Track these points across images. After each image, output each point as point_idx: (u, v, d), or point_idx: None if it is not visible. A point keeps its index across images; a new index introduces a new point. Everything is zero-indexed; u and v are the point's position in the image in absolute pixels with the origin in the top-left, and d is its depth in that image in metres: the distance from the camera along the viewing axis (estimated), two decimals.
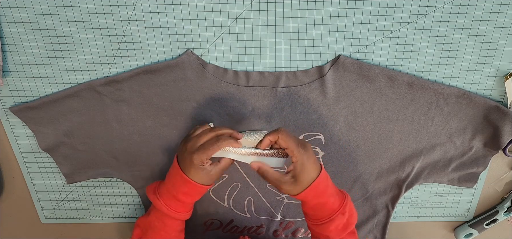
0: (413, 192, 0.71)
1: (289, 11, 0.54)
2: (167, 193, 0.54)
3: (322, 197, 0.51)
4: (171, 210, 0.54)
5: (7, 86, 0.61)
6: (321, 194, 0.51)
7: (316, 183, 0.50)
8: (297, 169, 0.50)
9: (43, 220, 0.76)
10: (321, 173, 0.51)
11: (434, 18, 0.54)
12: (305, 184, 0.50)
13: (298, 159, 0.49)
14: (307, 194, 0.50)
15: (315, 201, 0.51)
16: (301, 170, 0.49)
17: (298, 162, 0.49)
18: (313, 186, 0.50)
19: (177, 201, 0.54)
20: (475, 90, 0.60)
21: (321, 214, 0.52)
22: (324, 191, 0.52)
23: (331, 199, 0.52)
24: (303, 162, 0.49)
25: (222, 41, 0.56)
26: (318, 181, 0.50)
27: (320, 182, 0.51)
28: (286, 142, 0.50)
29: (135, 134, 0.63)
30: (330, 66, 0.57)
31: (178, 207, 0.54)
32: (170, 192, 0.54)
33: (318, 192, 0.51)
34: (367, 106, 0.60)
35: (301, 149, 0.50)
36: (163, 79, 0.58)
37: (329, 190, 0.52)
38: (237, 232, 0.74)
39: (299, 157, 0.49)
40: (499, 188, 0.70)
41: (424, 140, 0.63)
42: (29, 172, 0.69)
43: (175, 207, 0.54)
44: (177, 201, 0.54)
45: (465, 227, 0.73)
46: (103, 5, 0.53)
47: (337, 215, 0.52)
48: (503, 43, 0.56)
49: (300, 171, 0.50)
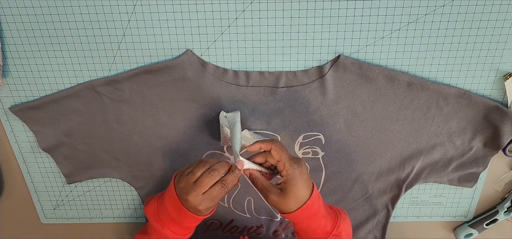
0: (413, 192, 0.71)
1: (289, 11, 0.54)
2: (171, 221, 0.53)
3: (314, 219, 0.50)
4: (174, 233, 0.53)
5: (7, 86, 0.61)
6: (312, 216, 0.50)
7: (308, 205, 0.49)
8: (286, 182, 0.48)
9: (43, 220, 0.76)
10: (313, 194, 0.49)
11: (434, 18, 0.54)
12: (294, 201, 0.48)
13: (289, 173, 0.48)
14: (298, 215, 0.49)
15: (307, 223, 0.50)
16: (290, 184, 0.48)
17: (289, 176, 0.48)
18: (305, 208, 0.48)
19: (181, 228, 0.53)
20: (475, 90, 0.60)
21: (313, 236, 0.51)
22: (316, 213, 0.50)
23: (323, 221, 0.51)
24: (294, 177, 0.48)
25: (222, 41, 0.56)
26: (310, 202, 0.49)
27: (313, 204, 0.49)
28: (279, 154, 0.49)
29: (135, 134, 0.63)
30: (330, 66, 0.57)
31: (183, 231, 0.54)
32: (174, 220, 0.52)
33: (309, 214, 0.49)
34: (367, 106, 0.60)
35: (294, 164, 0.48)
36: (163, 79, 0.58)
37: (321, 211, 0.51)
38: (237, 232, 0.74)
39: (291, 171, 0.48)
40: (499, 188, 0.70)
41: (424, 140, 0.63)
42: (29, 172, 0.69)
43: (179, 231, 0.54)
44: (181, 228, 0.53)
45: (465, 227, 0.73)
46: (103, 5, 0.53)
47: (330, 238, 0.51)
48: (503, 43, 0.56)
49: (289, 185, 0.48)
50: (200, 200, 0.48)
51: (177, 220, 0.52)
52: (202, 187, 0.48)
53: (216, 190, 0.48)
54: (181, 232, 0.54)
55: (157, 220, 0.53)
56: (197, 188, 0.48)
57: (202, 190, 0.48)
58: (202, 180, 0.48)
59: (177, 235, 0.53)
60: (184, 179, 0.49)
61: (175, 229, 0.53)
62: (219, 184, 0.49)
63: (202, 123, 0.62)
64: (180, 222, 0.52)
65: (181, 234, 0.54)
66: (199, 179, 0.48)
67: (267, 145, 0.50)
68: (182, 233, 0.54)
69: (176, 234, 0.53)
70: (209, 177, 0.48)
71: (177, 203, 0.50)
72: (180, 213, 0.51)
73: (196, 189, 0.48)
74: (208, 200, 0.49)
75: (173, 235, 0.53)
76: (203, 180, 0.48)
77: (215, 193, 0.49)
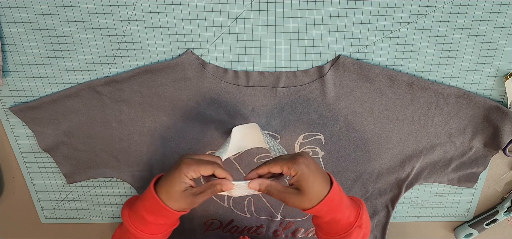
0: (413, 192, 0.71)
1: (289, 11, 0.54)
2: (135, 209, 0.50)
3: (337, 211, 0.48)
4: (131, 223, 0.50)
5: (7, 86, 0.61)
6: (336, 209, 0.48)
7: (330, 197, 0.46)
8: (298, 180, 0.46)
9: (43, 220, 0.76)
10: (333, 186, 0.47)
11: (434, 18, 0.54)
12: (314, 194, 0.46)
13: (296, 171, 0.46)
14: (321, 209, 0.47)
15: (330, 216, 0.48)
16: (302, 179, 0.46)
17: (297, 173, 0.46)
18: (327, 201, 0.46)
19: (137, 217, 0.49)
20: (475, 90, 0.60)
21: (336, 228, 0.49)
22: (339, 205, 0.48)
23: (347, 212, 0.49)
24: (303, 171, 0.46)
25: (222, 41, 0.56)
26: (332, 194, 0.47)
27: (334, 196, 0.47)
28: (277, 163, 0.47)
29: (135, 134, 0.63)
30: (330, 66, 0.57)
31: (139, 224, 0.50)
32: (136, 207, 0.50)
33: (332, 207, 0.47)
34: (367, 106, 0.60)
35: (296, 160, 0.46)
36: (163, 79, 0.58)
37: (344, 202, 0.49)
38: (237, 232, 0.74)
39: (296, 168, 0.46)
40: (499, 188, 0.70)
41: (424, 140, 0.63)
42: (29, 172, 0.69)
43: (138, 225, 0.50)
44: (137, 216, 0.49)
45: (465, 227, 0.73)
46: (103, 5, 0.53)
47: (354, 229, 0.49)
48: (503, 43, 0.56)
49: (302, 181, 0.46)
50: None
51: (140, 207, 0.49)
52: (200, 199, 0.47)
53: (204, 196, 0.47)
54: (140, 226, 0.50)
55: (127, 206, 0.51)
56: (196, 199, 0.47)
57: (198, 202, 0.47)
58: (204, 195, 0.47)
59: (133, 226, 0.50)
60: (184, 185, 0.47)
61: (136, 223, 0.50)
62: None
63: (202, 123, 0.62)
64: (138, 210, 0.49)
65: (139, 229, 0.50)
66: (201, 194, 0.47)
67: (263, 169, 0.48)
68: (140, 227, 0.50)
69: (135, 228, 0.50)
70: (210, 193, 0.47)
71: (150, 187, 0.48)
72: (146, 192, 0.49)
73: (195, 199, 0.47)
74: (195, 162, 0.47)
75: (129, 225, 0.50)
76: (204, 195, 0.47)
77: (204, 161, 0.47)
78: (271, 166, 0.48)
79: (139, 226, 0.50)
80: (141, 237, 0.50)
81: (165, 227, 0.51)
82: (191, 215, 0.72)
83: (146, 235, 0.50)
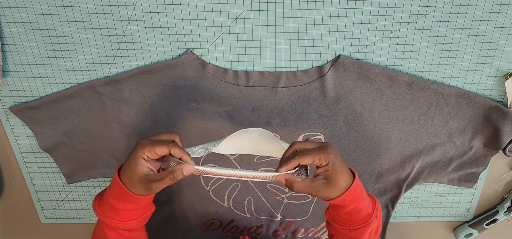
0: (413, 192, 0.71)
1: (289, 11, 0.54)
2: (104, 198, 0.50)
3: (359, 201, 0.48)
4: (102, 213, 0.49)
5: (7, 86, 0.61)
6: (358, 198, 0.48)
7: (354, 187, 0.47)
8: (328, 170, 0.46)
9: (43, 220, 0.76)
10: (356, 175, 0.48)
11: (434, 18, 0.54)
12: (341, 186, 0.46)
13: (328, 161, 0.45)
14: (346, 198, 0.47)
15: (353, 205, 0.48)
16: (333, 170, 0.46)
17: (329, 162, 0.46)
18: (352, 190, 0.47)
19: (106, 205, 0.49)
20: (475, 90, 0.60)
21: (356, 218, 0.49)
22: (361, 195, 0.48)
23: (367, 202, 0.49)
24: (334, 161, 0.46)
25: (222, 41, 0.56)
26: (356, 184, 0.47)
27: (358, 185, 0.48)
28: (307, 154, 0.46)
29: (135, 134, 0.63)
30: (330, 66, 0.57)
31: (108, 211, 0.49)
32: (105, 195, 0.49)
33: (356, 196, 0.48)
34: (367, 106, 0.60)
35: (325, 151, 0.46)
36: (163, 79, 0.58)
37: (364, 193, 0.50)
38: (237, 232, 0.74)
39: (327, 158, 0.45)
40: (499, 188, 0.70)
41: (424, 140, 0.63)
42: (29, 172, 0.69)
43: (108, 212, 0.49)
44: (106, 205, 0.49)
45: (465, 227, 0.73)
46: (103, 5, 0.53)
47: (372, 219, 0.49)
48: (503, 43, 0.56)
49: (333, 171, 0.46)
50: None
51: (106, 193, 0.49)
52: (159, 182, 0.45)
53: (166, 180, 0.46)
54: (107, 212, 0.49)
55: (100, 195, 0.51)
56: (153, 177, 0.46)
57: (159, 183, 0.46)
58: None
59: (101, 213, 0.49)
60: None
61: (103, 206, 0.49)
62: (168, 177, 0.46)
63: (202, 123, 0.62)
64: (106, 196, 0.49)
65: (106, 214, 0.49)
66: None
67: (291, 153, 0.48)
68: (106, 212, 0.49)
69: (102, 213, 0.49)
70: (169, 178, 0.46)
71: (116, 182, 0.47)
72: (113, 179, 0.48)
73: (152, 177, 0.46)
74: (150, 142, 0.45)
75: (98, 212, 0.49)
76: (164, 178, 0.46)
77: (158, 140, 0.46)
78: (301, 159, 0.47)
79: (110, 214, 0.49)
80: (114, 225, 0.49)
81: (136, 212, 0.50)
82: (191, 215, 0.72)
83: (118, 222, 0.49)
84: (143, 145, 0.45)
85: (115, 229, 0.50)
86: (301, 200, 0.70)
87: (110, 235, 0.50)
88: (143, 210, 0.51)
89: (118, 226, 0.49)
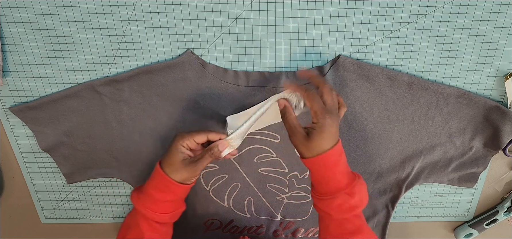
0: (413, 192, 0.71)
1: (289, 11, 0.54)
2: (143, 190, 0.54)
3: (329, 171, 0.49)
4: (140, 203, 0.53)
5: (7, 86, 0.61)
6: (329, 168, 0.49)
7: (327, 155, 0.47)
8: (315, 129, 0.48)
9: (43, 220, 0.76)
10: (335, 147, 0.48)
11: (434, 18, 0.54)
12: (316, 148, 0.48)
13: (320, 122, 0.47)
14: (314, 162, 0.48)
15: (321, 172, 0.49)
16: (318, 132, 0.47)
17: (319, 123, 0.47)
18: (323, 157, 0.48)
19: (146, 196, 0.53)
20: (475, 90, 0.60)
21: (325, 189, 0.50)
22: (333, 166, 0.49)
23: (338, 176, 0.49)
24: (324, 126, 0.47)
25: (222, 41, 0.56)
26: (329, 153, 0.48)
27: (331, 155, 0.48)
28: (311, 103, 0.48)
29: (135, 134, 0.63)
30: (330, 66, 0.57)
31: (148, 202, 0.53)
32: (144, 188, 0.54)
33: (326, 164, 0.48)
34: (367, 106, 0.60)
35: (326, 114, 0.47)
36: (163, 79, 0.58)
37: (340, 167, 0.49)
38: (237, 232, 0.74)
39: (322, 121, 0.47)
40: (499, 188, 0.70)
41: (424, 140, 0.63)
42: (29, 172, 0.69)
43: (147, 203, 0.53)
44: (146, 196, 0.53)
45: (465, 227, 0.73)
46: (103, 5, 0.53)
47: (341, 194, 0.49)
48: (503, 43, 0.56)
49: (317, 133, 0.47)
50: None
51: (146, 186, 0.54)
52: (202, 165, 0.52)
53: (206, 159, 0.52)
54: (147, 203, 0.53)
55: (136, 189, 0.55)
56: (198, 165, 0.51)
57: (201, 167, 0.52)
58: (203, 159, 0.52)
59: (142, 205, 0.53)
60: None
61: (144, 198, 0.53)
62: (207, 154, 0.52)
63: (202, 123, 0.62)
64: (147, 189, 0.53)
65: (147, 206, 0.53)
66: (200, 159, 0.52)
67: (300, 89, 0.51)
68: (148, 204, 0.53)
69: (143, 205, 0.53)
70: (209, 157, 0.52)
71: (158, 173, 0.52)
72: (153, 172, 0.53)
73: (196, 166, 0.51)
74: (187, 133, 0.52)
75: (137, 203, 0.54)
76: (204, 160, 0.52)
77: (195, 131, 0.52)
78: (306, 98, 0.49)
79: (149, 204, 0.53)
80: (150, 217, 0.53)
81: (172, 204, 0.54)
82: (191, 215, 0.72)
83: (154, 214, 0.53)
84: (181, 135, 0.52)
85: (149, 221, 0.54)
86: (301, 200, 0.70)
87: (143, 226, 0.54)
88: (178, 203, 0.56)
89: (154, 218, 0.53)
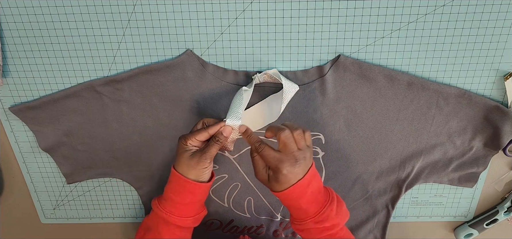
0: (413, 192, 0.71)
1: (289, 11, 0.54)
2: (163, 195, 0.55)
3: (295, 202, 0.50)
4: (161, 208, 0.54)
5: (7, 86, 0.61)
6: (294, 200, 0.50)
7: (289, 191, 0.49)
8: (272, 175, 0.50)
9: (43, 220, 0.76)
10: (297, 183, 0.48)
11: (434, 18, 0.54)
12: (276, 189, 0.49)
13: (274, 171, 0.49)
14: (279, 196, 0.50)
15: (287, 203, 0.51)
16: (274, 179, 0.49)
17: (282, 168, 0.48)
18: (285, 193, 0.49)
19: (165, 201, 0.54)
20: (475, 90, 0.60)
21: (294, 216, 0.52)
22: (298, 199, 0.49)
23: (304, 206, 0.50)
24: (278, 175, 0.48)
25: (222, 41, 0.56)
26: (291, 190, 0.48)
27: (293, 192, 0.49)
28: (282, 139, 0.49)
29: (135, 134, 0.63)
30: (330, 66, 0.57)
31: (167, 206, 0.54)
32: (164, 193, 0.54)
33: (290, 198, 0.50)
34: (367, 106, 0.60)
35: (279, 165, 0.48)
36: (163, 79, 0.58)
37: (305, 198, 0.50)
38: (237, 232, 0.74)
39: (285, 164, 0.48)
40: (499, 188, 0.70)
41: (424, 140, 0.63)
42: (29, 172, 0.69)
43: (167, 207, 0.54)
44: (165, 200, 0.54)
45: (465, 227, 0.73)
46: (103, 5, 0.53)
47: (310, 222, 0.50)
48: (503, 43, 0.56)
49: (274, 179, 0.49)
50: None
51: (165, 191, 0.54)
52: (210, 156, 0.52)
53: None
54: (166, 207, 0.54)
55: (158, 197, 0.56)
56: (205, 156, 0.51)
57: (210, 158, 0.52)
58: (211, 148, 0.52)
59: (161, 209, 0.54)
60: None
61: (163, 203, 0.54)
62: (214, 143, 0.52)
63: None
64: (166, 192, 0.54)
65: (166, 210, 0.53)
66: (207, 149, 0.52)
67: (272, 133, 0.51)
68: (167, 208, 0.54)
69: (162, 209, 0.54)
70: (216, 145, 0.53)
71: (175, 176, 0.52)
72: (180, 185, 0.53)
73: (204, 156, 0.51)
74: (189, 133, 0.53)
75: (157, 207, 0.54)
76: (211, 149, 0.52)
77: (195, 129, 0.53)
78: (279, 134, 0.49)
79: (169, 209, 0.53)
80: (172, 221, 0.53)
81: (192, 207, 0.54)
82: None
83: (175, 218, 0.53)
84: (184, 136, 0.53)
85: (170, 226, 0.54)
86: None
87: (163, 230, 0.54)
88: (199, 206, 0.56)
89: (175, 222, 0.54)
